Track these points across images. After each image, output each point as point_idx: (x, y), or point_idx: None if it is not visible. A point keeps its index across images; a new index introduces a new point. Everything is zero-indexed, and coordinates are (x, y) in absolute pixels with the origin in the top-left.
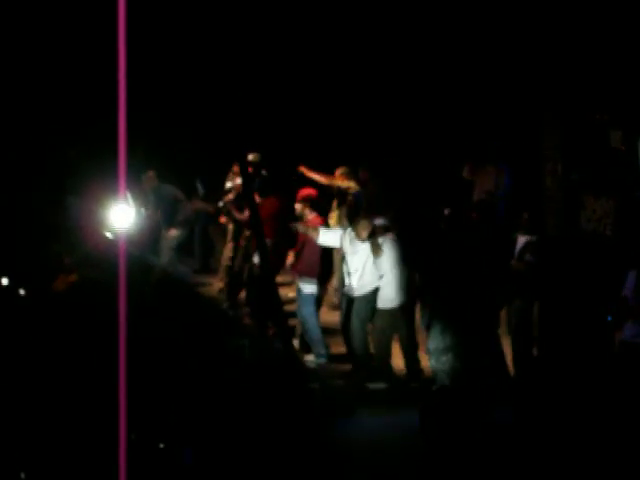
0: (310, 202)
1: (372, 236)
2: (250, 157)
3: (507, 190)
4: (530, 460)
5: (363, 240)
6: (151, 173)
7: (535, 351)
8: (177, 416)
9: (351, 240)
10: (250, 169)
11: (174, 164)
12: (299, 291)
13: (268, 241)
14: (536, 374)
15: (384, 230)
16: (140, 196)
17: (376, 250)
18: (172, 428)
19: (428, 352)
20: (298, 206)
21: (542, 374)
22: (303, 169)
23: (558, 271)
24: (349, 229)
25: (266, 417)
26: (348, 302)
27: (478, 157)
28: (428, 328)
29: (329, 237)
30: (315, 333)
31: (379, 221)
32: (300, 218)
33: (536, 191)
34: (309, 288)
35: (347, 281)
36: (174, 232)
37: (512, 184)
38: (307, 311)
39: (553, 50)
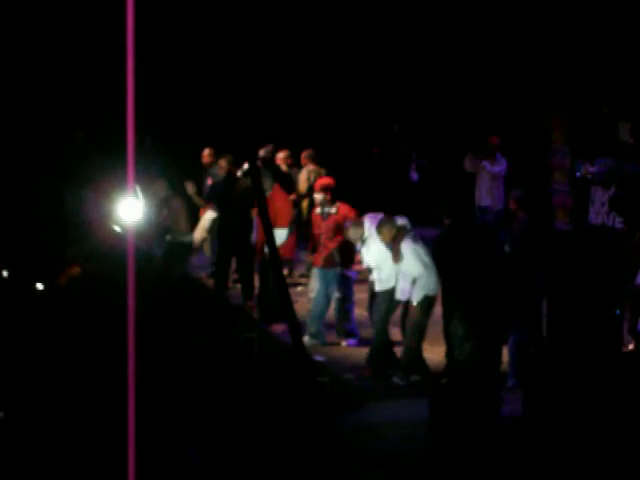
0: (330, 191)
1: (394, 239)
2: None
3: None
4: (539, 454)
5: (387, 243)
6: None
7: None
8: (185, 410)
9: (366, 239)
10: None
11: (181, 155)
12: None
13: (282, 231)
14: (545, 368)
15: (405, 230)
16: (149, 189)
17: (396, 256)
18: (180, 422)
19: (452, 339)
20: (319, 196)
21: (551, 368)
22: None
23: (566, 265)
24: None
25: (274, 411)
26: (372, 295)
27: (479, 149)
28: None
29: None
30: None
31: (401, 221)
32: (322, 207)
33: (544, 185)
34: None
35: (370, 275)
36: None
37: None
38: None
39: (560, 43)
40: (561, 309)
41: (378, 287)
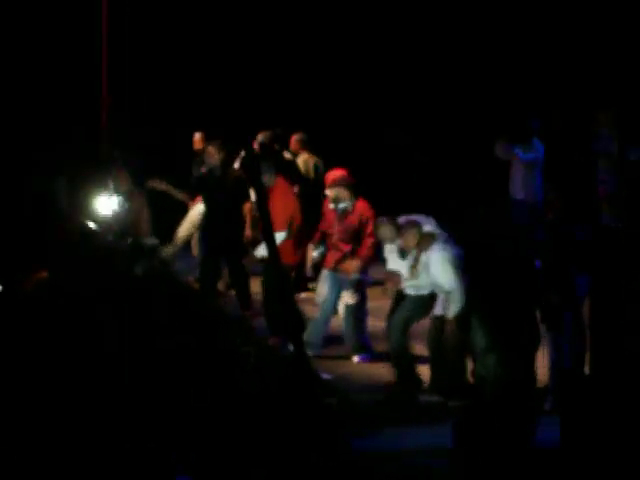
0: (347, 185)
1: (419, 246)
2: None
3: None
4: None
5: (409, 250)
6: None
7: None
8: (177, 427)
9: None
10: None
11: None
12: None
13: (280, 234)
14: (586, 388)
15: (432, 238)
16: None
17: (413, 268)
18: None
19: (473, 354)
20: (331, 192)
21: (595, 388)
22: None
23: (614, 264)
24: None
25: (274, 433)
26: (397, 299)
27: (514, 135)
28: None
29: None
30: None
31: (428, 227)
32: (335, 204)
33: (588, 174)
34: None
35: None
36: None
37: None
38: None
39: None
40: (608, 319)
41: (410, 291)
